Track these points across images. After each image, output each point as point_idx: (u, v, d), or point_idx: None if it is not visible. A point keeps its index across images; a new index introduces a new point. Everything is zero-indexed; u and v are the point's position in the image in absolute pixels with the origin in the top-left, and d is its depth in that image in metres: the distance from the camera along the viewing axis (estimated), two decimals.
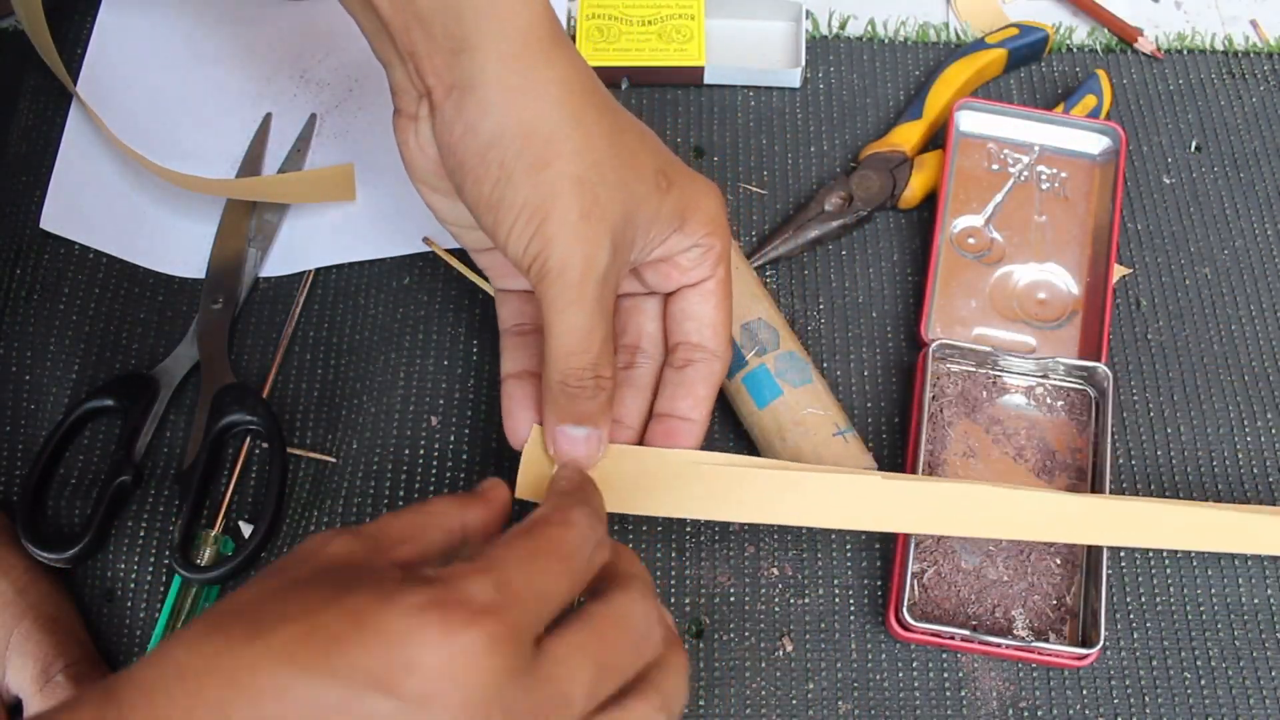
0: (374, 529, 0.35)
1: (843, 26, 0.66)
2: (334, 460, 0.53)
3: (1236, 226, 0.61)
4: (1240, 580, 0.52)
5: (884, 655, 0.50)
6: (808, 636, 0.51)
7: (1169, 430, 0.56)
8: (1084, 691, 0.50)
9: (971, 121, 0.61)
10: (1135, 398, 0.56)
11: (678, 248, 0.44)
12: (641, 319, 0.47)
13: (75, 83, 0.61)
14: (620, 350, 0.48)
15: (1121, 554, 0.53)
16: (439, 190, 0.44)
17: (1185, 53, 0.65)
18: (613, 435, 0.45)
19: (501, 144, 0.39)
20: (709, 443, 0.54)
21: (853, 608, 0.51)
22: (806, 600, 0.51)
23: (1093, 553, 0.51)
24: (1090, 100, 0.61)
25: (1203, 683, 0.50)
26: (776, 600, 0.51)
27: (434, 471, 0.53)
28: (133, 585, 0.50)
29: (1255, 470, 0.55)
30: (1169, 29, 0.67)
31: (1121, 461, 0.55)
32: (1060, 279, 0.58)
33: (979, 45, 0.63)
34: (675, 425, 0.46)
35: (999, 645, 0.49)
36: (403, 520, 0.36)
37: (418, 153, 0.43)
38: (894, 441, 0.55)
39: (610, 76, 0.62)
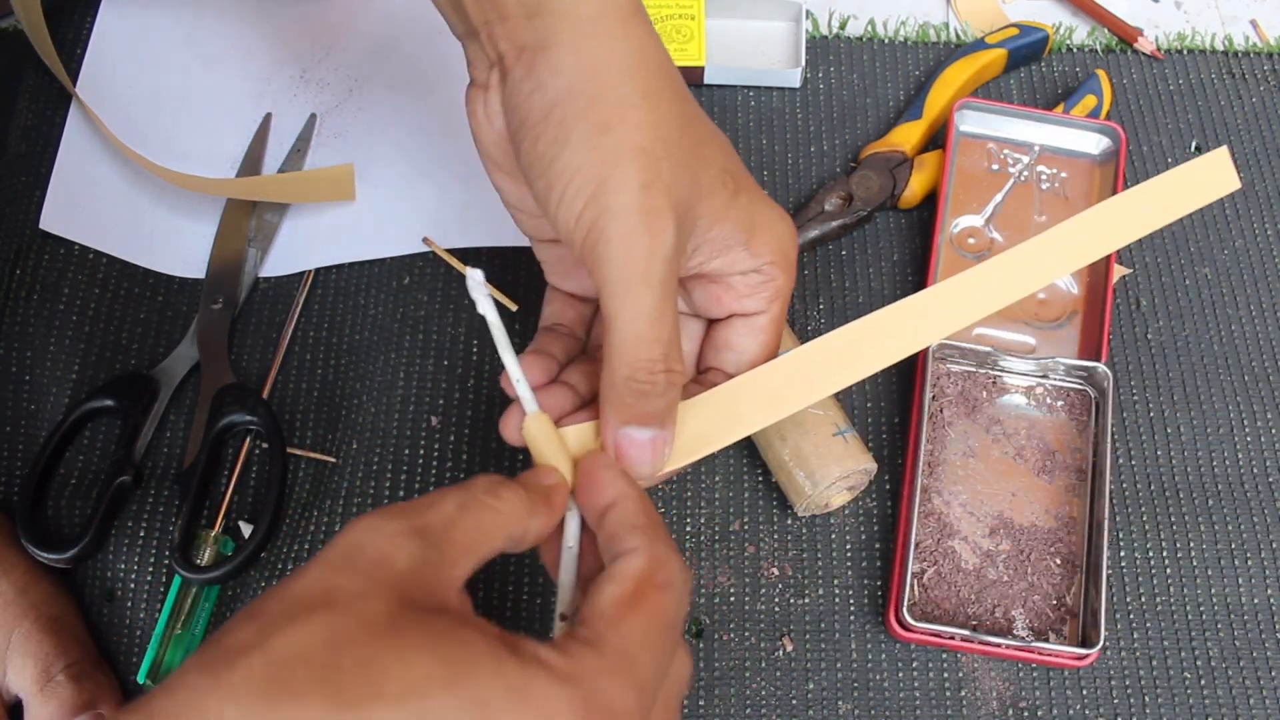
0: (439, 529, 0.32)
1: (843, 26, 0.66)
2: (334, 460, 0.53)
3: (1236, 226, 0.61)
4: (1240, 580, 0.52)
5: (884, 655, 0.50)
6: (808, 636, 0.51)
7: (1169, 430, 0.56)
8: (1084, 691, 0.50)
9: (971, 121, 0.61)
10: (1135, 398, 0.56)
11: (737, 266, 0.40)
12: (681, 338, 0.44)
13: (75, 83, 0.61)
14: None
15: (1122, 554, 0.53)
16: (503, 169, 0.41)
17: (1185, 53, 0.65)
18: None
19: (566, 103, 0.36)
20: None
21: (853, 608, 0.51)
22: (806, 600, 0.51)
23: (1093, 553, 0.51)
24: (1090, 100, 0.61)
25: (1203, 683, 0.50)
26: (776, 600, 0.51)
27: (434, 471, 0.53)
28: (133, 585, 0.50)
29: (1255, 470, 0.55)
30: (1169, 29, 0.67)
31: (1121, 461, 0.55)
32: (1060, 279, 0.58)
33: (979, 45, 0.63)
34: None
35: (999, 645, 0.49)
36: (469, 523, 0.33)
37: (484, 123, 0.40)
38: (894, 441, 0.55)
39: None
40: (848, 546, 0.52)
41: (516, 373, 0.39)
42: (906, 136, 0.60)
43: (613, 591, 0.33)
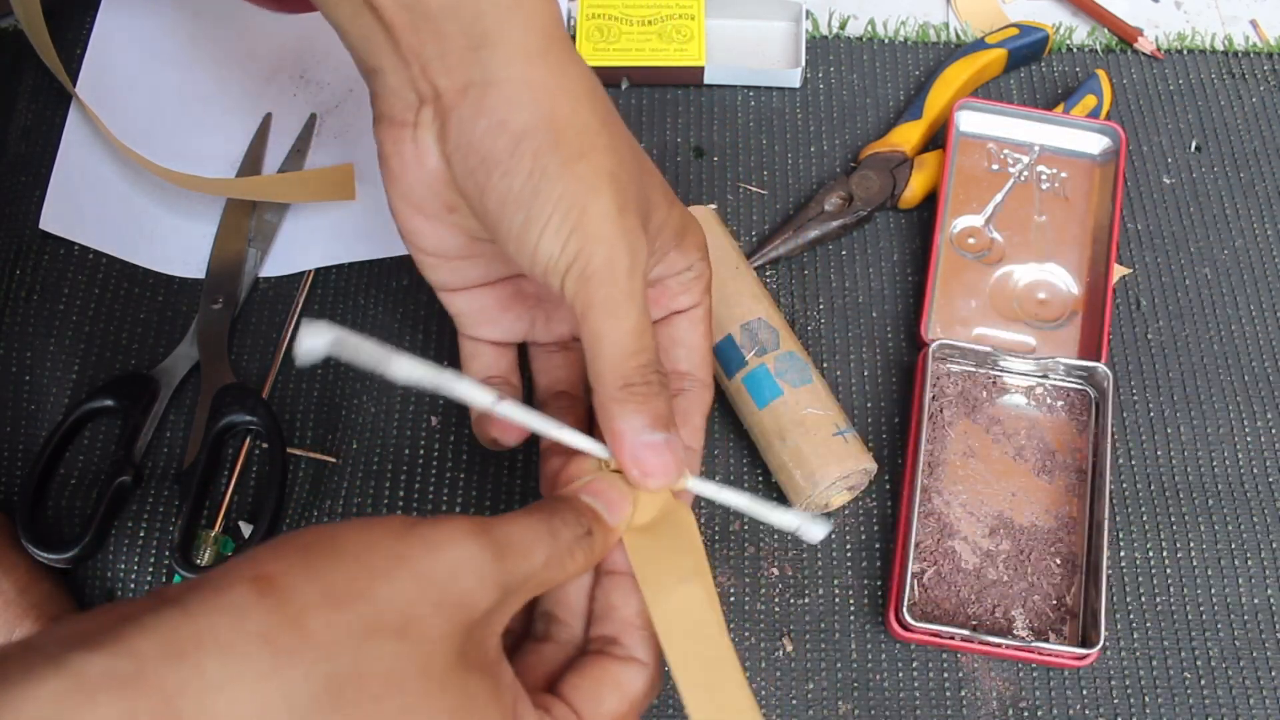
0: (519, 583, 0.33)
1: (843, 26, 0.66)
2: (334, 460, 0.53)
3: (1236, 226, 0.61)
4: (1240, 580, 0.52)
5: (884, 655, 0.50)
6: (808, 636, 0.51)
7: (1169, 430, 0.56)
8: (1084, 691, 0.50)
9: (971, 121, 0.61)
10: (1135, 398, 0.56)
11: (674, 268, 0.42)
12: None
13: (75, 83, 0.61)
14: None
15: (1122, 554, 0.53)
16: (424, 211, 0.41)
17: (1185, 53, 0.65)
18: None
19: (535, 136, 0.37)
20: (707, 446, 0.54)
21: (853, 608, 0.51)
22: (806, 600, 0.51)
23: (1093, 553, 0.51)
24: (1090, 100, 0.61)
25: (1203, 683, 0.50)
26: (776, 600, 0.51)
27: (434, 471, 0.53)
28: (133, 585, 0.50)
29: (1255, 470, 0.55)
30: (1169, 29, 0.67)
31: (1121, 461, 0.55)
32: (1060, 279, 0.58)
33: (979, 45, 0.63)
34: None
35: (999, 645, 0.49)
36: (543, 579, 0.34)
37: (412, 164, 0.39)
38: (894, 441, 0.55)
39: (610, 76, 0.62)
40: (848, 546, 0.52)
41: (579, 440, 0.39)
42: (906, 136, 0.60)
43: (614, 704, 0.35)
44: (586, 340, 0.37)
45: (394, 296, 0.57)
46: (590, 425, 0.43)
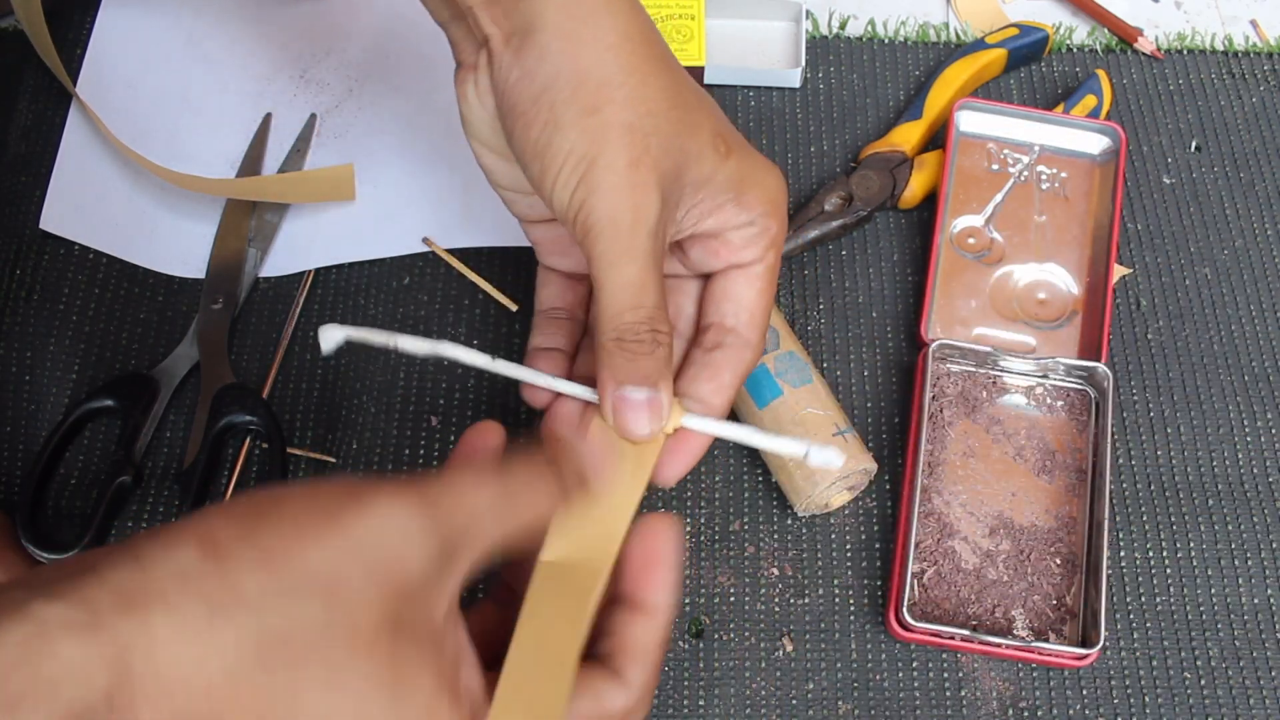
0: (460, 529, 0.33)
1: (843, 26, 0.66)
2: (334, 460, 0.53)
3: (1236, 226, 0.61)
4: (1240, 580, 0.52)
5: (884, 655, 0.50)
6: (808, 636, 0.51)
7: (1169, 430, 0.56)
8: (1084, 691, 0.50)
9: (971, 121, 0.61)
10: (1135, 398, 0.56)
11: (731, 222, 0.41)
12: (680, 299, 0.44)
13: (75, 83, 0.61)
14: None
15: (1122, 554, 0.53)
16: (493, 149, 0.42)
17: (1185, 53, 0.65)
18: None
19: (554, 89, 0.37)
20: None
21: (853, 608, 0.51)
22: (806, 600, 0.51)
23: (1093, 553, 0.51)
24: (1090, 100, 0.61)
25: (1203, 683, 0.50)
26: (776, 600, 0.51)
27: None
28: None
29: (1255, 470, 0.55)
30: (1169, 29, 0.67)
31: (1121, 461, 0.55)
32: (1060, 279, 0.58)
33: (979, 45, 0.63)
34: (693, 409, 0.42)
35: (999, 645, 0.49)
36: (495, 521, 0.34)
37: (475, 105, 0.41)
38: (894, 441, 0.55)
39: None
40: (848, 546, 0.52)
41: (564, 386, 0.41)
42: (906, 136, 0.60)
43: (585, 709, 0.35)
44: (594, 291, 0.38)
45: (394, 296, 0.57)
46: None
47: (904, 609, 0.49)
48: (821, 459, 0.40)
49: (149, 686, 0.28)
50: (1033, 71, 0.65)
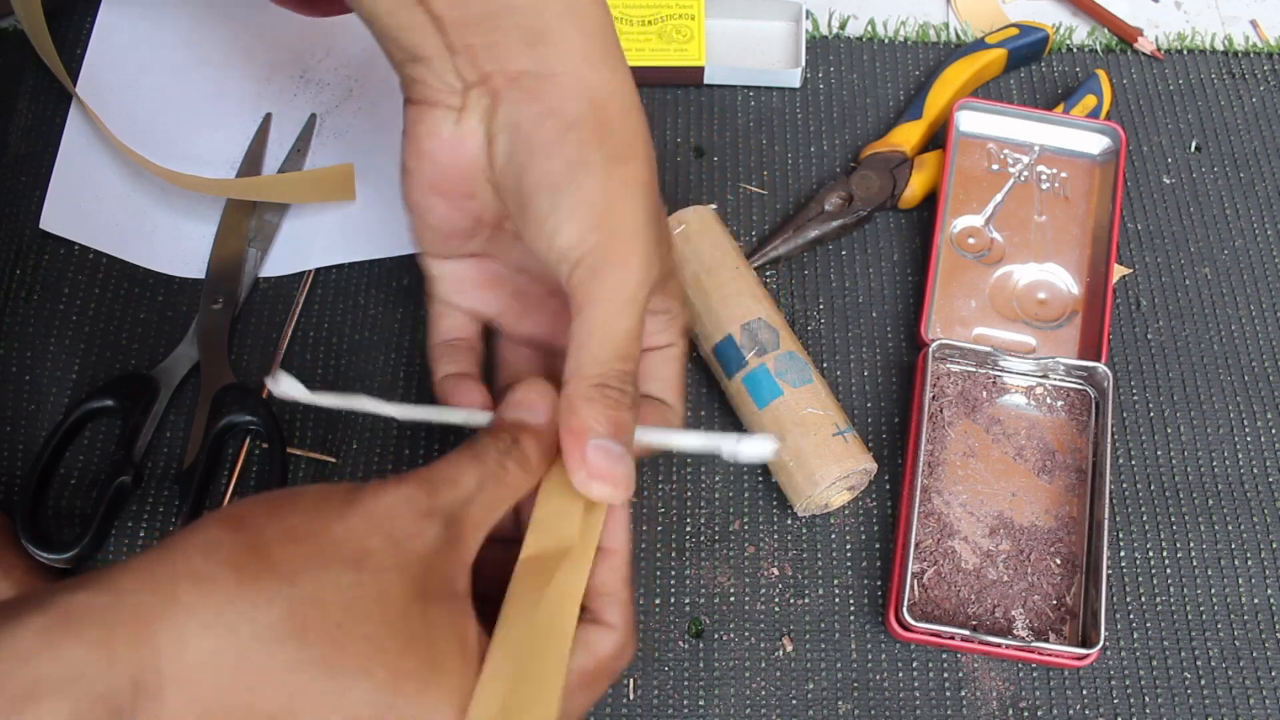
0: (458, 508, 0.35)
1: (843, 26, 0.66)
2: (334, 460, 0.53)
3: (1236, 226, 0.61)
4: (1240, 580, 0.52)
5: (884, 655, 0.50)
6: (808, 636, 0.51)
7: (1169, 430, 0.56)
8: (1084, 691, 0.50)
9: (971, 121, 0.61)
10: (1135, 398, 0.56)
11: (655, 308, 0.42)
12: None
13: (75, 83, 0.61)
14: None
15: (1122, 554, 0.53)
16: (443, 191, 0.42)
17: (1185, 53, 0.65)
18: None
19: (583, 129, 0.38)
20: None
21: (853, 608, 0.51)
22: (806, 600, 0.51)
23: (1093, 553, 0.51)
24: (1090, 100, 0.61)
25: (1203, 683, 0.50)
26: (776, 600, 0.51)
27: None
28: None
29: (1255, 470, 0.55)
30: (1169, 29, 0.67)
31: (1121, 461, 0.55)
32: (1060, 279, 0.58)
33: (979, 45, 0.63)
34: None
35: (999, 645, 0.49)
36: (485, 499, 0.36)
37: (450, 144, 0.40)
38: (894, 441, 0.55)
39: None
40: (848, 546, 0.52)
41: (481, 418, 0.42)
42: (906, 136, 0.60)
43: (583, 661, 0.36)
44: (577, 333, 0.37)
45: (394, 296, 0.57)
46: None
47: (904, 609, 0.49)
48: (752, 451, 0.39)
49: (176, 665, 0.27)
50: (1033, 71, 0.65)
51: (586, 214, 0.37)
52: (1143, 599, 0.52)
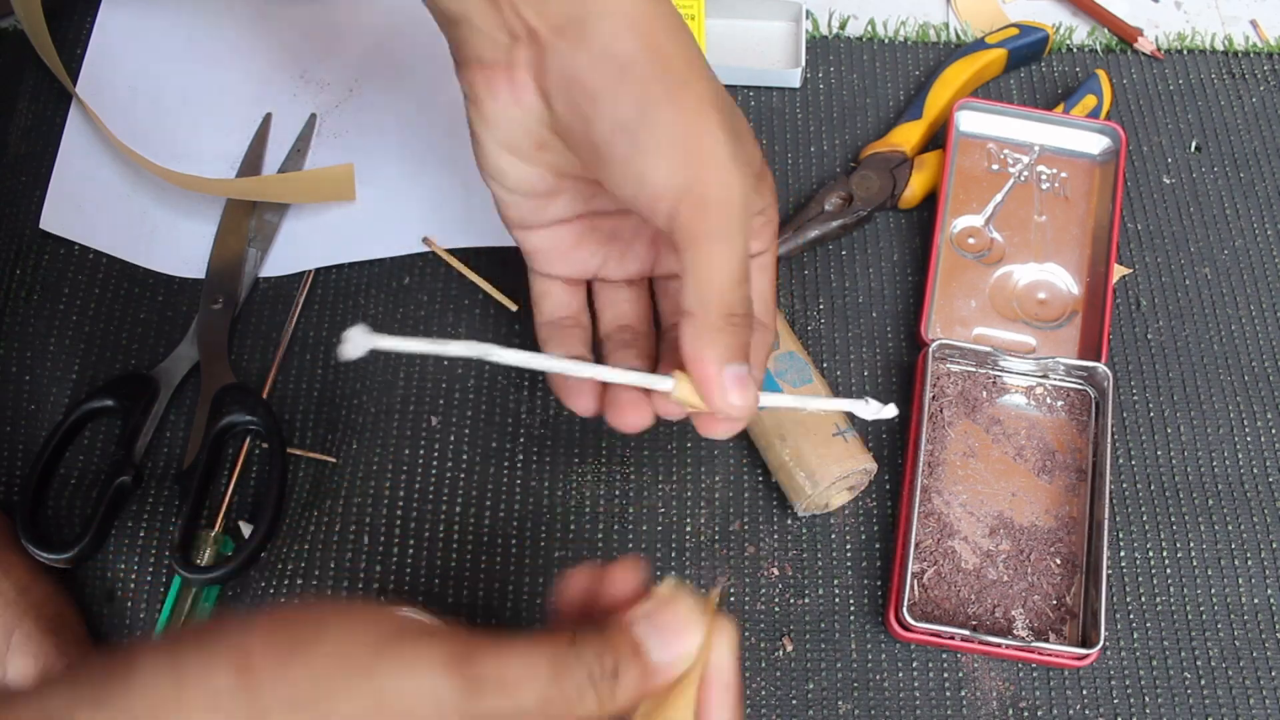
0: (490, 704, 0.29)
1: (843, 26, 0.66)
2: (334, 460, 0.53)
3: (1236, 226, 0.61)
4: (1240, 580, 0.52)
5: (884, 655, 0.50)
6: (808, 636, 0.51)
7: (1169, 430, 0.56)
8: (1084, 691, 0.50)
9: (971, 121, 0.61)
10: (1135, 398, 0.56)
11: (751, 209, 0.40)
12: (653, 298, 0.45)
13: (75, 83, 0.61)
14: (667, 330, 0.46)
15: (1122, 554, 0.53)
16: (514, 149, 0.41)
17: (1185, 53, 0.65)
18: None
19: (641, 64, 0.37)
20: (708, 444, 0.54)
21: (853, 608, 0.51)
22: (806, 600, 0.51)
23: (1093, 553, 0.51)
24: (1090, 100, 0.61)
25: (1203, 683, 0.50)
26: (776, 600, 0.51)
27: (434, 471, 0.53)
28: (133, 585, 0.50)
29: (1255, 470, 0.55)
30: (1169, 29, 0.67)
31: (1121, 461, 0.55)
32: (1060, 279, 0.58)
33: (979, 45, 0.63)
34: None
35: (999, 645, 0.49)
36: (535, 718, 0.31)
37: (508, 103, 0.39)
38: (894, 441, 0.55)
39: None
40: (848, 546, 0.52)
41: (635, 378, 0.39)
42: (906, 136, 0.60)
43: None
44: (693, 269, 0.37)
45: (394, 296, 0.57)
46: (655, 363, 0.44)
47: (904, 609, 0.49)
48: (874, 411, 0.41)
49: None
50: (1033, 71, 0.65)
51: (670, 151, 0.37)
52: (1143, 599, 0.52)
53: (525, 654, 0.30)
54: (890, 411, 0.41)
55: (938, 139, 0.62)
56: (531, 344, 0.46)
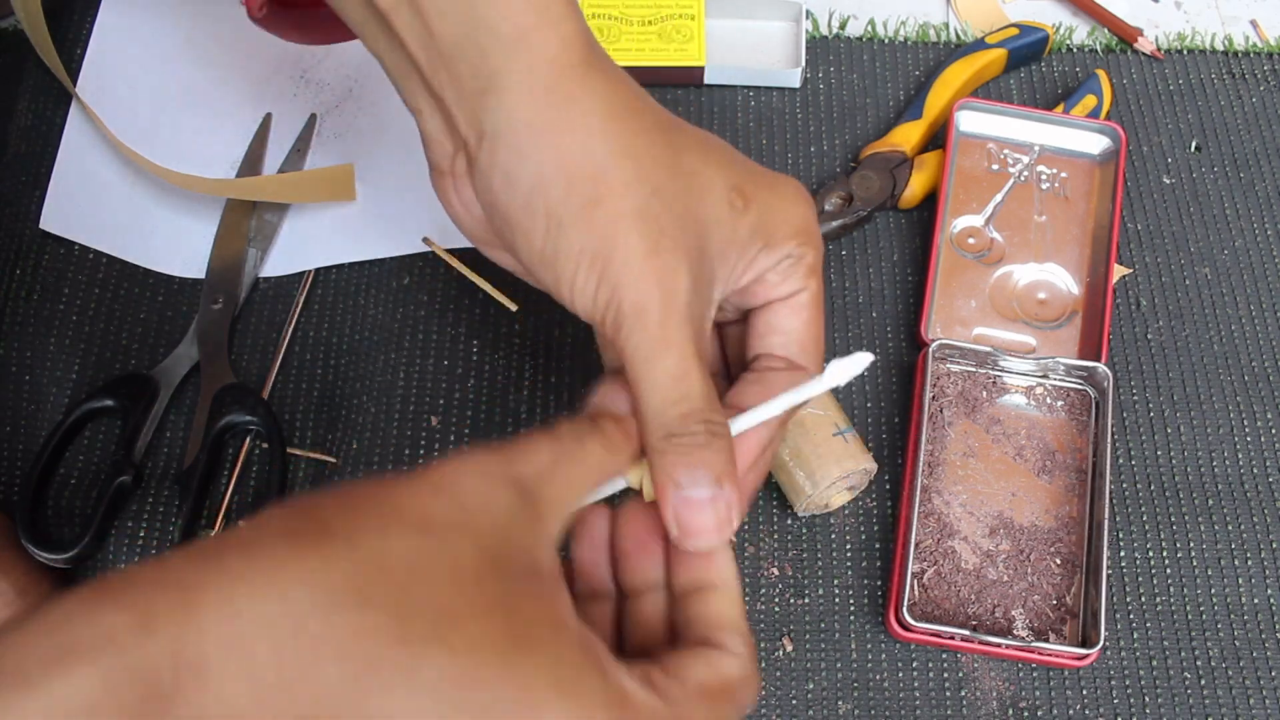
0: (533, 481, 0.32)
1: (843, 26, 0.66)
2: (334, 460, 0.53)
3: (1236, 226, 0.61)
4: (1240, 580, 0.52)
5: (884, 655, 0.50)
6: (808, 636, 0.51)
7: (1169, 430, 0.56)
8: (1084, 691, 0.50)
9: (971, 121, 0.61)
10: (1135, 398, 0.56)
11: (764, 266, 0.38)
12: (720, 344, 0.42)
13: (75, 83, 0.61)
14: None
15: (1122, 554, 0.53)
16: (495, 245, 0.40)
17: (1185, 53, 0.65)
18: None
19: (543, 189, 0.35)
20: None
21: (853, 608, 0.51)
22: (806, 600, 0.51)
23: (1093, 552, 0.51)
24: (1090, 100, 0.61)
25: (1203, 683, 0.50)
26: (776, 600, 0.51)
27: None
28: None
29: (1255, 470, 0.55)
30: (1169, 29, 0.67)
31: (1121, 461, 0.55)
32: (1060, 279, 0.58)
33: (979, 45, 0.63)
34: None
35: (999, 645, 0.49)
36: (561, 476, 0.33)
37: (464, 213, 0.39)
38: (894, 441, 0.55)
39: None
40: (848, 546, 0.52)
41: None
42: (906, 136, 0.60)
43: (705, 675, 0.33)
44: (632, 387, 0.36)
45: (394, 296, 0.57)
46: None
47: (904, 609, 0.49)
48: (840, 371, 0.37)
49: (224, 637, 0.25)
50: (1033, 71, 0.65)
51: (585, 277, 0.35)
52: (1143, 599, 0.52)
53: (530, 434, 0.33)
54: (862, 360, 0.37)
55: (938, 139, 0.62)
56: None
